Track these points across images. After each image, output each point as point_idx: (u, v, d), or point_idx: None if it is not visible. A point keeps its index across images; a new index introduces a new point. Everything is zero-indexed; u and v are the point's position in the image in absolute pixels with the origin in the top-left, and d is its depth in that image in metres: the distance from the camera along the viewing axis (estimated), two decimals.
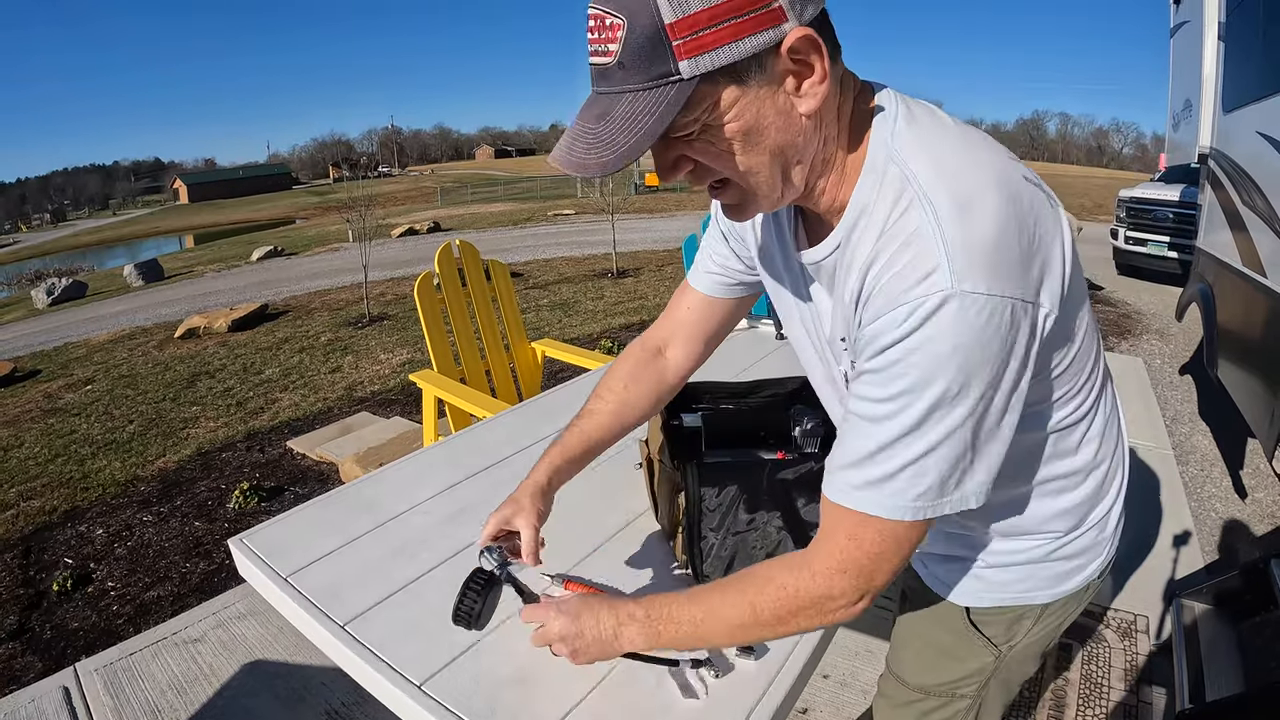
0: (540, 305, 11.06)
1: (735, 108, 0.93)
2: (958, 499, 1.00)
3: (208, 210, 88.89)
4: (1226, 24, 5.74)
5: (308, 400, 7.25)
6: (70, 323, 14.20)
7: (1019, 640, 1.37)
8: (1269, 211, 4.17)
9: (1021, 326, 0.92)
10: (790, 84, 0.94)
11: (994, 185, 0.95)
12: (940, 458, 0.96)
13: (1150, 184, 13.08)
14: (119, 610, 3.95)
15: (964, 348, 0.90)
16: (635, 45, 0.88)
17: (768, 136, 0.97)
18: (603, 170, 0.93)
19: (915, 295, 0.90)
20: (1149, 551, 3.83)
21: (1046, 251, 0.96)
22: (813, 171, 1.05)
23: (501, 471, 2.18)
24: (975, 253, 0.90)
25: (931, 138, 1.02)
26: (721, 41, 0.87)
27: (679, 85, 0.89)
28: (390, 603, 1.56)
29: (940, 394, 0.92)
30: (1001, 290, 0.90)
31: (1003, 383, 0.94)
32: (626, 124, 0.91)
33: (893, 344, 0.93)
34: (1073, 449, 1.21)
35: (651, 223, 24.00)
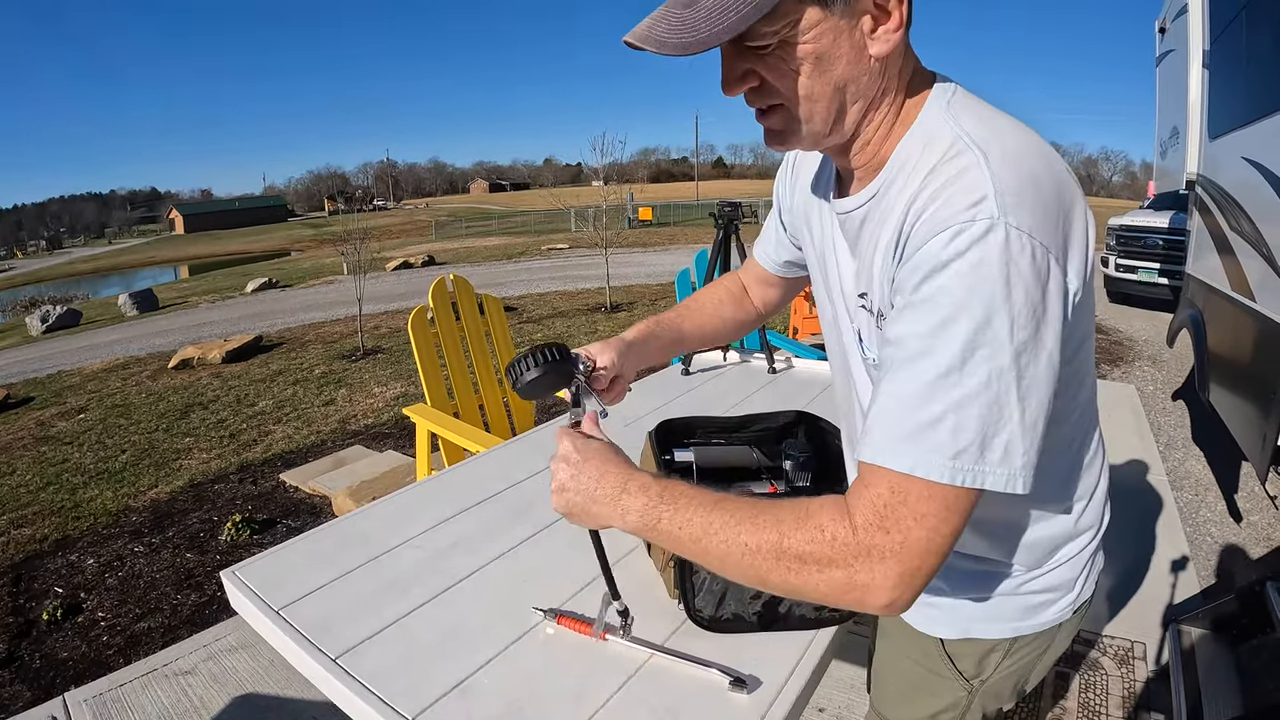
0: (534, 339, 11.05)
1: (815, 29, 0.97)
2: (1003, 473, 0.92)
3: (203, 241, 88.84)
4: (1211, 51, 5.85)
5: (301, 433, 7.26)
6: (64, 351, 14.19)
7: (990, 675, 1.35)
8: (1256, 236, 4.22)
9: (1058, 289, 0.93)
10: (868, 24, 0.99)
11: (1038, 156, 1.00)
12: (983, 408, 0.90)
13: (1139, 211, 13.20)
14: (109, 641, 3.95)
15: (1013, 282, 0.89)
16: None
17: (837, 67, 1.01)
18: (683, 50, 0.94)
19: (963, 219, 0.91)
20: (1146, 578, 3.85)
21: (1081, 232, 0.99)
22: (864, 117, 1.08)
23: (494, 506, 2.19)
24: (1025, 195, 0.92)
25: (988, 111, 1.06)
26: None
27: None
28: (382, 637, 1.56)
29: (988, 324, 0.89)
30: (1045, 239, 0.91)
31: (1044, 336, 0.92)
32: (713, 14, 0.93)
33: (938, 268, 0.92)
34: (1054, 479, 1.21)
35: (645, 257, 24.07)
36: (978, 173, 0.94)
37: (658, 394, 3.23)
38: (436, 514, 2.12)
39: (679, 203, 56.04)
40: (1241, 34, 4.83)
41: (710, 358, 3.77)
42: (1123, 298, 12.86)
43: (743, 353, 3.85)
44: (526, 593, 1.69)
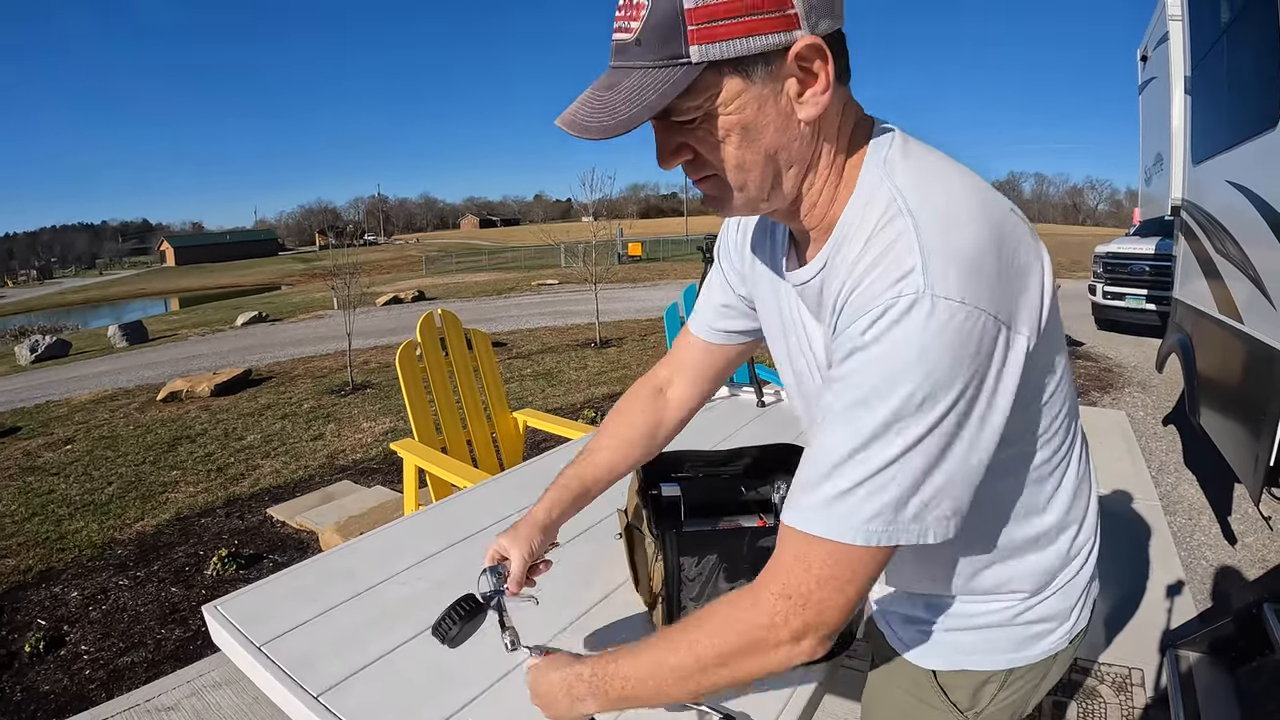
0: (523, 375, 11.09)
1: (737, 100, 0.98)
2: (917, 529, 0.95)
3: (194, 273, 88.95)
4: (1192, 78, 5.89)
5: (289, 467, 7.23)
6: (52, 381, 14.11)
7: (985, 707, 1.33)
8: (1243, 258, 4.24)
9: (997, 345, 0.93)
10: (794, 88, 0.99)
11: (978, 208, 0.98)
12: (899, 475, 0.93)
13: (1126, 238, 13.32)
14: (92, 675, 3.91)
15: (933, 353, 0.89)
16: (654, 25, 0.93)
17: (765, 135, 1.01)
18: (600, 134, 0.96)
19: (888, 296, 0.91)
20: (1141, 603, 3.84)
21: (1026, 279, 0.98)
22: (804, 181, 1.09)
23: (481, 541, 2.18)
24: (952, 260, 0.91)
25: (924, 164, 1.05)
26: (733, 34, 0.92)
27: (686, 68, 0.94)
28: (366, 674, 1.56)
29: (903, 401, 0.90)
30: (977, 302, 0.90)
31: (976, 403, 0.93)
32: (631, 95, 0.96)
33: (860, 347, 0.93)
34: (1040, 507, 1.20)
35: (634, 292, 24.12)
36: (906, 243, 0.94)
37: None
38: (422, 550, 2.13)
39: (668, 238, 56.16)
40: (1222, 59, 4.88)
41: None
42: (1110, 324, 13.01)
43: (732, 386, 3.86)
44: None
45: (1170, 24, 7.14)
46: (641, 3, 0.94)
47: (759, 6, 0.92)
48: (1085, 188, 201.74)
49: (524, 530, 1.49)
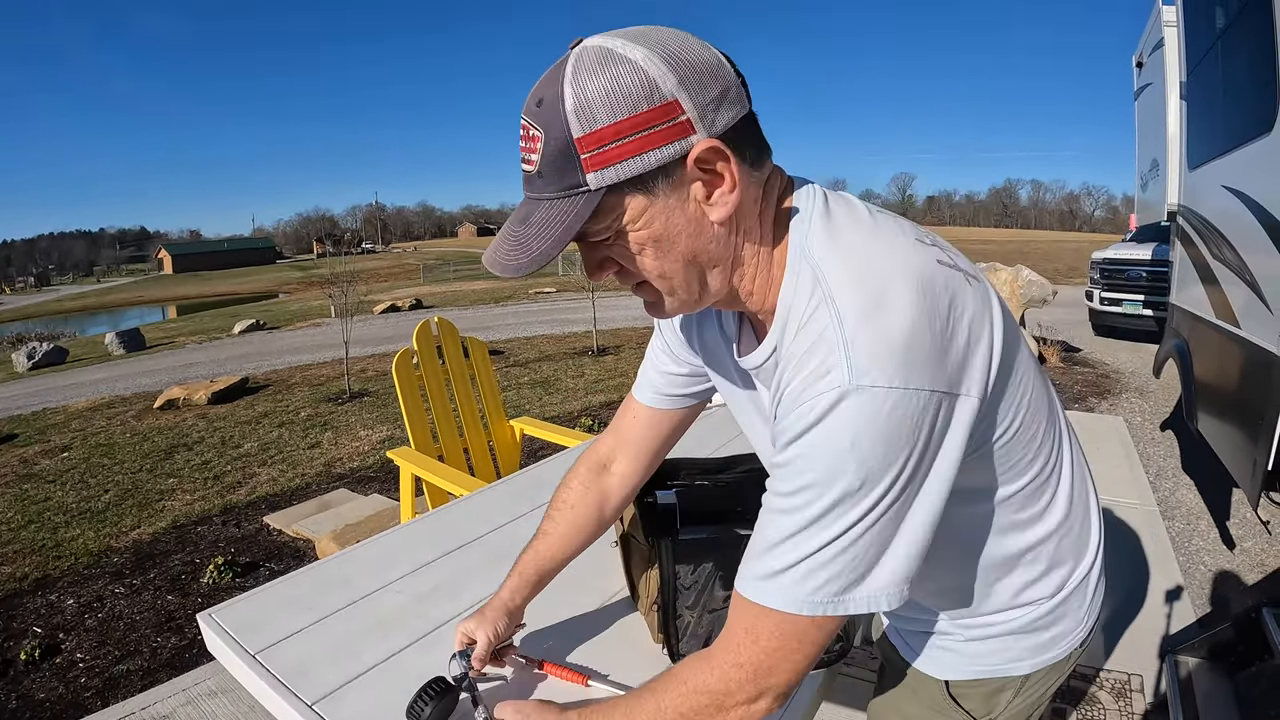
0: (521, 383, 11.08)
1: (644, 216, 0.98)
2: (863, 597, 0.97)
3: (192, 281, 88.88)
4: (1187, 83, 5.90)
5: (286, 476, 7.23)
6: (49, 388, 14.10)
7: (999, 713, 1.34)
8: (1239, 263, 4.25)
9: (939, 417, 0.93)
10: (700, 192, 0.99)
11: (902, 276, 0.96)
12: (841, 552, 0.95)
13: (1122, 244, 13.42)
14: (87, 683, 3.91)
15: (862, 442, 0.90)
16: (550, 156, 0.95)
17: (679, 243, 1.01)
18: (519, 271, 0.99)
19: (813, 393, 0.92)
20: (1141, 610, 3.83)
21: (967, 335, 0.97)
22: (735, 275, 1.09)
23: (477, 550, 2.19)
24: (880, 348, 0.91)
25: (843, 234, 1.03)
26: (626, 155, 0.93)
27: (586, 196, 0.95)
28: (360, 682, 1.56)
29: (843, 490, 0.92)
30: (907, 383, 0.90)
31: (915, 476, 0.94)
32: (541, 229, 0.98)
33: (793, 440, 0.95)
34: (1036, 517, 1.20)
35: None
36: (830, 340, 0.94)
37: None
38: (418, 558, 2.12)
39: None
40: (1217, 64, 4.90)
41: None
42: (1108, 330, 13.06)
43: None
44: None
45: (1165, 30, 7.16)
46: (537, 135, 0.96)
47: (648, 122, 0.92)
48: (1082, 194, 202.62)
49: (490, 614, 1.53)
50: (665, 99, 0.92)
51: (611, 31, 0.98)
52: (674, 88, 0.93)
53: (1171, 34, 6.68)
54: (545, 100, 0.95)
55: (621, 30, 0.98)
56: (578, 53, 0.95)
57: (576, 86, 0.92)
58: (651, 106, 0.92)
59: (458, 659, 1.47)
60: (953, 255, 1.07)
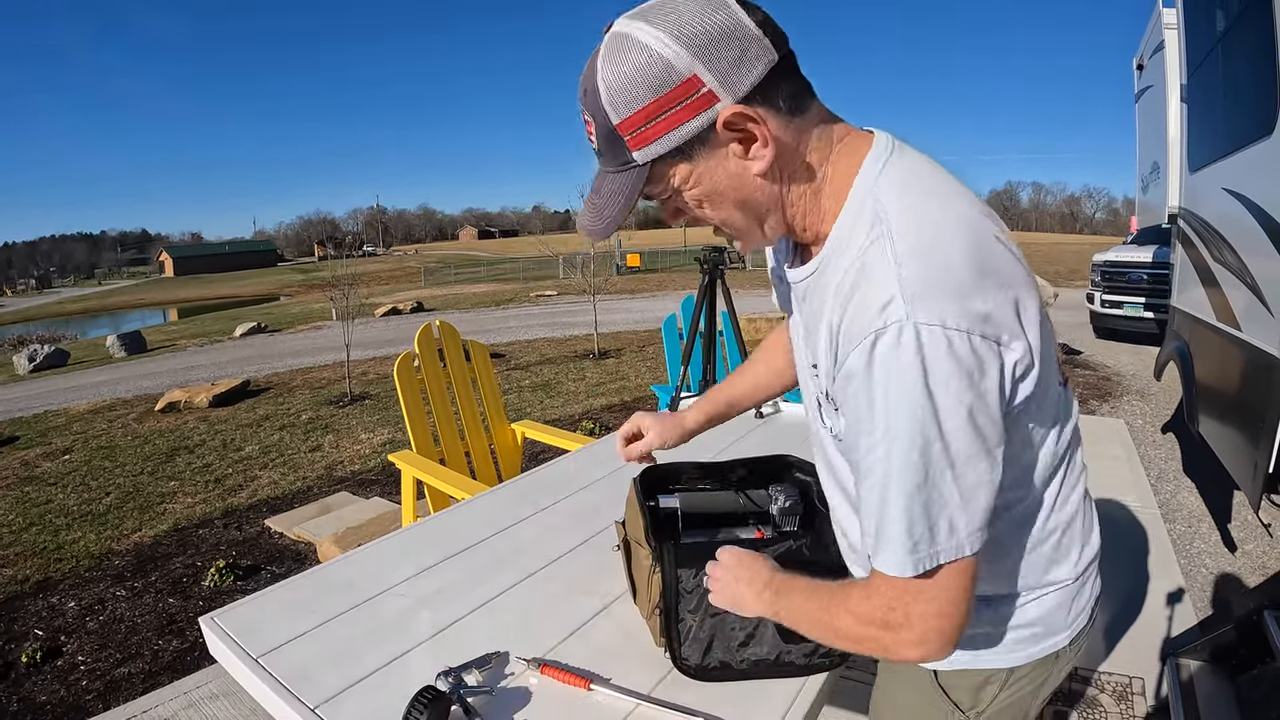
0: (522, 386, 11.08)
1: (691, 178, 1.11)
2: (951, 546, 1.04)
3: (193, 284, 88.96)
4: (1188, 86, 5.91)
5: (287, 479, 7.22)
6: (50, 390, 14.12)
7: (986, 707, 1.37)
8: (1240, 266, 4.25)
9: (988, 362, 0.99)
10: (737, 149, 1.08)
11: (960, 227, 1.05)
12: (924, 502, 1.02)
13: (1123, 247, 13.37)
14: (88, 686, 3.90)
15: (925, 379, 0.97)
16: (602, 139, 1.10)
17: (728, 195, 1.13)
18: (604, 234, 1.18)
19: (875, 327, 0.98)
20: (1142, 612, 3.82)
21: (1011, 296, 1.03)
22: (789, 215, 1.18)
23: (479, 553, 2.19)
24: (931, 286, 0.98)
25: (911, 179, 1.12)
26: (660, 133, 1.05)
27: (637, 170, 1.10)
28: (363, 686, 1.56)
29: (908, 428, 0.98)
30: (960, 324, 0.97)
31: (973, 413, 0.99)
32: (610, 198, 1.13)
33: (863, 378, 1.01)
34: (1035, 508, 1.26)
35: (633, 303, 24.14)
36: (884, 272, 1.01)
37: None
38: (419, 561, 2.12)
39: (667, 249, 56.17)
40: (1218, 67, 4.91)
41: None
42: (1109, 333, 13.05)
43: None
44: (510, 641, 1.69)
45: (1166, 33, 7.18)
46: (589, 121, 1.10)
47: (672, 101, 1.03)
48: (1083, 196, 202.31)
49: (668, 421, 1.84)
50: (683, 77, 1.02)
51: (634, 10, 1.06)
52: (689, 63, 1.01)
53: (1172, 36, 6.71)
54: (588, 91, 1.07)
55: (642, 6, 1.06)
56: (606, 41, 1.06)
57: (605, 78, 1.04)
58: (672, 87, 1.02)
59: (443, 677, 1.49)
60: (1006, 234, 1.13)
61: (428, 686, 1.43)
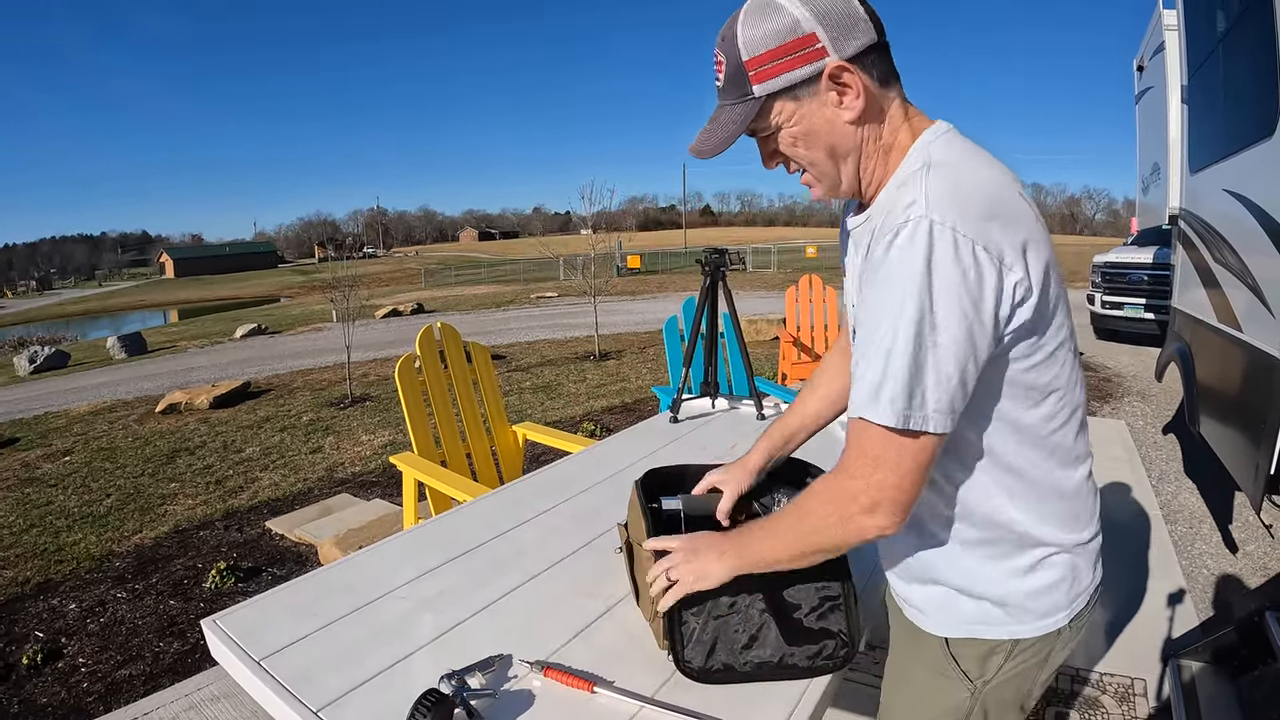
0: (523, 388, 11.08)
1: (795, 116, 1.35)
2: (920, 417, 1.21)
3: (193, 285, 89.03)
4: (1189, 87, 5.91)
5: (288, 480, 7.22)
6: (51, 392, 14.14)
7: (992, 677, 1.48)
8: (1241, 267, 4.25)
9: (985, 271, 1.18)
10: (834, 98, 1.33)
11: (986, 180, 1.28)
12: (906, 365, 1.19)
13: (1124, 248, 13.44)
14: (89, 688, 3.90)
15: (929, 263, 1.16)
16: (730, 75, 1.35)
17: (821, 136, 1.36)
18: (709, 153, 1.40)
19: (898, 221, 1.20)
20: (1143, 613, 3.83)
21: (1023, 236, 1.23)
22: (863, 165, 1.40)
23: (480, 556, 2.19)
24: (948, 197, 1.20)
25: (961, 148, 1.34)
26: (779, 72, 1.31)
27: (753, 101, 1.34)
28: (365, 688, 1.55)
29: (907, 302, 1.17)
30: (967, 231, 1.17)
31: (963, 303, 1.17)
32: (724, 125, 1.38)
33: (880, 262, 1.22)
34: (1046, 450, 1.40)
35: (634, 305, 24.16)
36: (915, 185, 1.24)
37: (645, 441, 3.23)
38: (421, 564, 2.12)
39: (667, 250, 56.34)
40: (1219, 68, 4.90)
41: (699, 405, 3.77)
42: (1109, 334, 13.09)
43: (731, 399, 3.86)
44: (513, 644, 1.69)
45: (1166, 34, 7.18)
46: (721, 60, 1.35)
47: (793, 49, 1.29)
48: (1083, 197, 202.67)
49: (736, 472, 1.92)
50: (805, 33, 1.28)
51: None
52: (811, 24, 1.27)
53: (1172, 38, 6.71)
54: (726, 36, 1.33)
55: None
56: (748, 2, 1.32)
57: (745, 26, 1.30)
58: (795, 38, 1.28)
59: (446, 680, 1.49)
60: (1031, 202, 1.33)
61: (431, 689, 1.43)
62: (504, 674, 1.58)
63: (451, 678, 1.49)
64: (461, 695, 1.45)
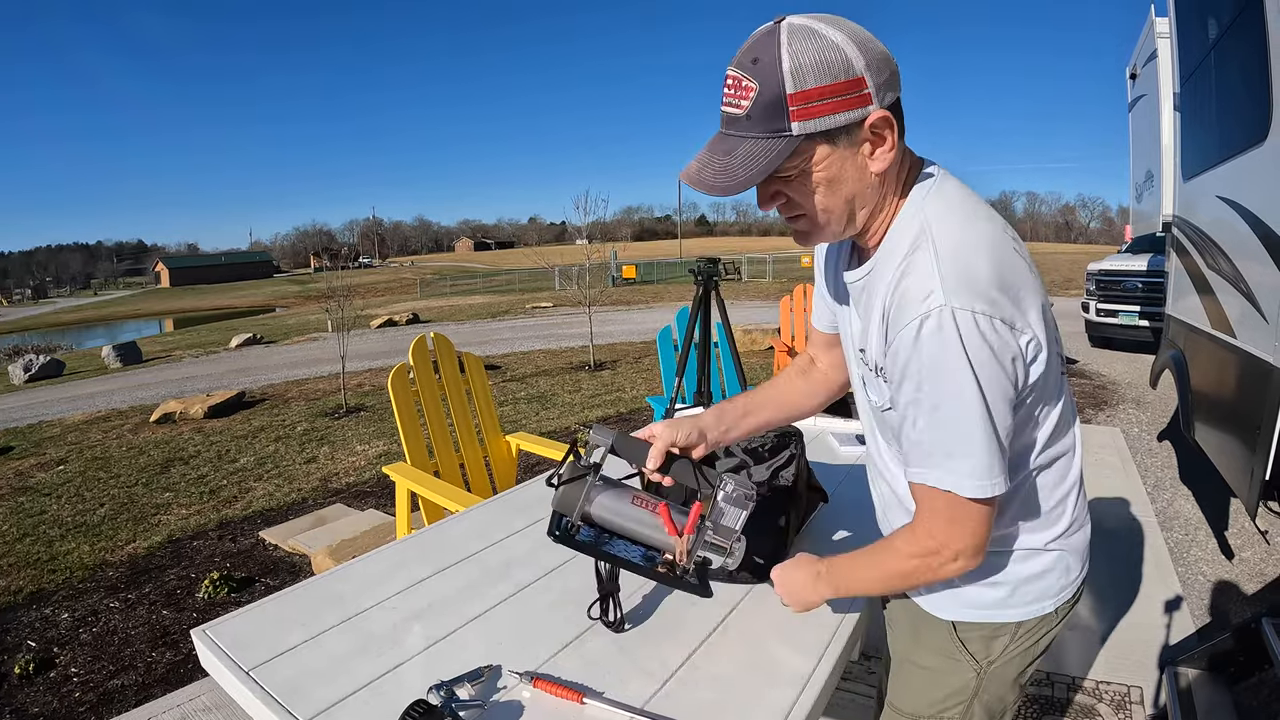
0: (518, 398, 11.07)
1: (826, 161, 1.28)
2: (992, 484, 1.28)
3: (189, 295, 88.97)
4: (1181, 94, 5.93)
5: (282, 490, 7.21)
6: (46, 401, 14.11)
7: (997, 657, 1.58)
8: (1234, 273, 4.26)
9: (1008, 340, 1.23)
10: (867, 149, 1.29)
11: (985, 242, 1.30)
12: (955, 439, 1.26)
13: (1118, 255, 13.52)
14: (81, 698, 3.89)
15: (962, 348, 1.20)
16: (763, 105, 1.23)
17: (845, 186, 1.32)
18: (725, 193, 1.28)
19: (920, 312, 1.23)
20: (1139, 621, 3.83)
21: (1026, 296, 1.29)
22: (871, 216, 1.39)
23: (471, 566, 2.18)
24: (963, 281, 1.23)
25: (952, 203, 1.36)
26: (824, 113, 1.23)
27: (789, 139, 1.24)
28: (354, 699, 1.55)
29: (946, 384, 1.23)
30: (986, 310, 1.21)
31: (996, 375, 1.23)
32: (747, 161, 1.26)
33: (910, 352, 1.26)
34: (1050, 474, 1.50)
35: (629, 315, 24.19)
36: (928, 268, 1.26)
37: None
38: (413, 574, 2.11)
39: (663, 260, 56.26)
40: (1211, 75, 4.92)
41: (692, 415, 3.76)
42: (1104, 341, 13.17)
43: None
44: (503, 655, 1.68)
45: (1159, 41, 7.22)
46: (751, 86, 1.23)
47: (842, 90, 1.22)
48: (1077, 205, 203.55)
49: (682, 422, 1.76)
50: (856, 75, 1.22)
51: (810, 14, 1.25)
52: (863, 67, 1.22)
53: (1164, 45, 6.73)
54: (761, 60, 1.22)
55: (818, 14, 1.25)
56: (787, 26, 1.22)
57: (792, 53, 1.20)
58: (847, 79, 1.22)
59: (434, 690, 1.49)
60: (1023, 249, 1.39)
61: (419, 700, 1.43)
62: (493, 685, 1.58)
63: (440, 688, 1.49)
64: (450, 706, 1.45)
